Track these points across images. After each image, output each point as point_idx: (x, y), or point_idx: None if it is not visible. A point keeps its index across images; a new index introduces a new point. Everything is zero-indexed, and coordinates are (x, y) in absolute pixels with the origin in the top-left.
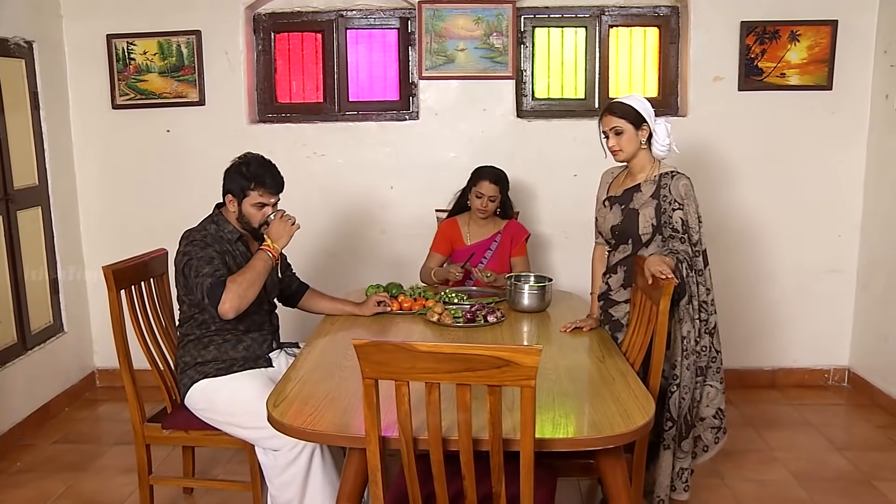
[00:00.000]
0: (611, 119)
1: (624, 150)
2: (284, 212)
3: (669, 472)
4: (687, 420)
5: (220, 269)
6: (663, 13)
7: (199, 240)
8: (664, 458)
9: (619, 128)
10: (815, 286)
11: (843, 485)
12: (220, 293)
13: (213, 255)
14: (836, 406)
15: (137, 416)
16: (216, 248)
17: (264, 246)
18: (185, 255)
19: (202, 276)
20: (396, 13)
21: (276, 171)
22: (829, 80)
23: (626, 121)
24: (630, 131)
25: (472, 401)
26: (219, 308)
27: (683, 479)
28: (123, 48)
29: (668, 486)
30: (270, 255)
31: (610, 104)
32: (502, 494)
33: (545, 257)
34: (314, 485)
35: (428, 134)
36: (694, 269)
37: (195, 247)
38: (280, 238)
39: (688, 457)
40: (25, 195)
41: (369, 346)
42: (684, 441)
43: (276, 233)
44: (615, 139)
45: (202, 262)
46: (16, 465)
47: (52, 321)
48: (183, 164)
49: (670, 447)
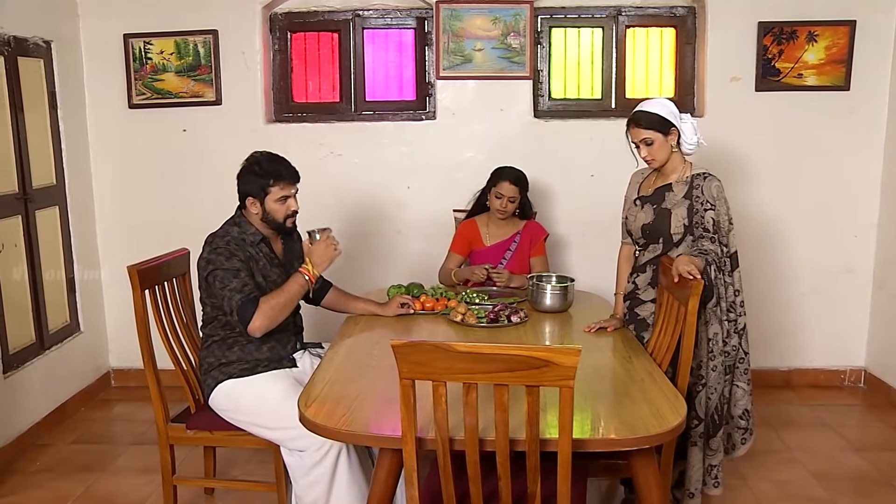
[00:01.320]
0: (638, 132)
1: (657, 158)
2: (331, 233)
3: (700, 468)
4: (715, 419)
5: (247, 283)
6: (680, 13)
7: (222, 247)
8: (693, 455)
9: (648, 139)
10: (831, 286)
11: (862, 485)
12: (250, 312)
13: (238, 266)
14: (852, 406)
15: (161, 416)
16: (240, 257)
17: (303, 269)
18: (210, 264)
19: (230, 290)
20: (413, 13)
21: (288, 162)
22: (847, 80)
23: (653, 130)
24: (660, 139)
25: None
26: (248, 327)
27: (713, 476)
28: (140, 47)
29: (699, 479)
30: (307, 278)
31: (635, 115)
32: (537, 495)
33: (561, 257)
34: (340, 485)
35: (445, 134)
36: (723, 270)
37: (220, 256)
38: (321, 263)
39: (717, 454)
40: (43, 194)
41: (407, 346)
42: (712, 439)
43: (318, 257)
44: (647, 150)
45: (228, 275)
46: (35, 464)
47: (69, 321)
48: (199, 163)
49: (698, 444)
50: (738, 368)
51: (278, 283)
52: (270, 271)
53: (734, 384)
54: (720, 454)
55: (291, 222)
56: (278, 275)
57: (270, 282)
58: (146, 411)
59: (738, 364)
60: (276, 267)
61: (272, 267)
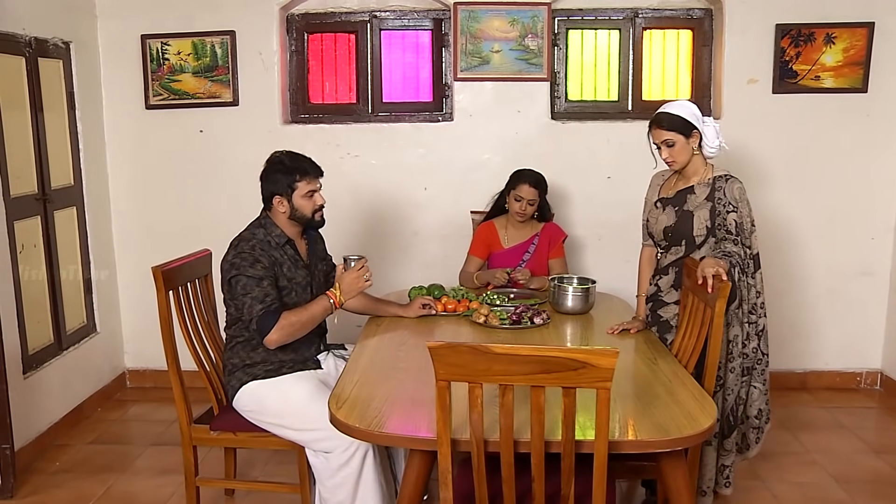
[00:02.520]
0: (660, 133)
1: (678, 160)
2: (366, 262)
3: (714, 467)
4: (730, 420)
5: (269, 293)
6: (697, 16)
7: (247, 252)
8: (707, 454)
9: (670, 140)
10: (848, 289)
11: (883, 488)
12: (269, 324)
13: (261, 273)
14: (869, 409)
15: (185, 417)
16: (264, 263)
17: (330, 293)
18: (234, 268)
19: (252, 297)
20: (430, 14)
21: (309, 158)
22: (865, 82)
23: (675, 132)
24: (681, 141)
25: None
26: (265, 339)
27: (725, 475)
28: (157, 48)
29: (711, 478)
30: (332, 302)
31: (657, 116)
32: (570, 496)
33: (578, 259)
34: (366, 486)
35: (462, 135)
36: (745, 272)
37: (244, 261)
38: (349, 292)
39: (730, 454)
40: (62, 195)
41: (444, 348)
42: (726, 440)
43: (347, 285)
44: (668, 151)
45: (251, 282)
46: (55, 465)
47: (86, 321)
48: (216, 164)
49: (712, 444)
50: (755, 370)
51: (303, 284)
52: (296, 273)
53: (751, 385)
54: (733, 455)
55: (320, 216)
56: (303, 276)
57: (296, 283)
58: (163, 412)
59: (756, 365)
60: (301, 269)
61: (297, 269)
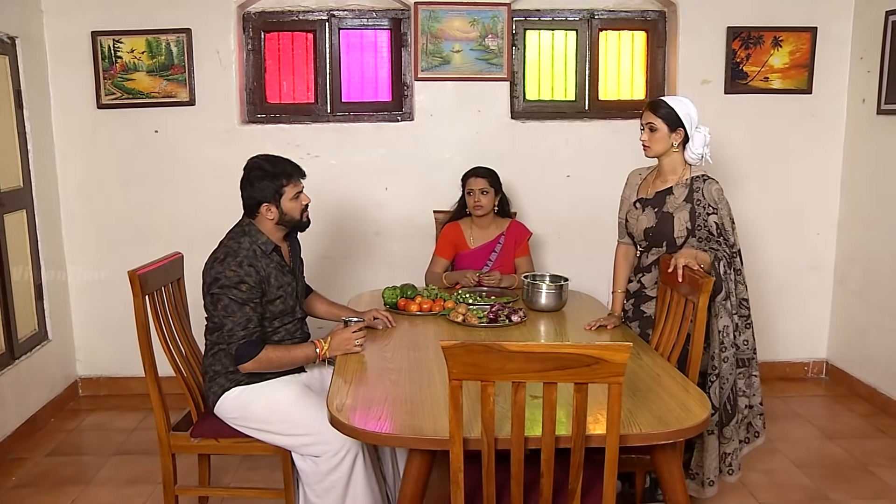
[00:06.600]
0: (649, 115)
1: (652, 148)
2: (364, 331)
3: (716, 455)
4: (727, 408)
5: (252, 318)
6: (651, 17)
7: (233, 270)
8: (710, 444)
9: (654, 125)
10: (797, 283)
11: (842, 471)
12: (249, 356)
13: (245, 297)
14: (817, 397)
15: (163, 424)
16: (250, 282)
17: (318, 342)
18: (216, 285)
19: (233, 322)
20: (388, 14)
21: (288, 159)
22: (809, 84)
23: (662, 120)
24: (663, 131)
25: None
26: (240, 365)
27: (728, 463)
28: (109, 46)
29: (716, 468)
30: (317, 352)
31: (655, 100)
32: (578, 491)
33: (539, 257)
34: (355, 490)
35: (422, 135)
36: (733, 267)
37: (228, 280)
38: (336, 349)
39: (731, 442)
40: (10, 198)
41: (458, 347)
42: (726, 427)
43: (338, 343)
44: (648, 135)
45: (234, 305)
46: (11, 479)
47: (38, 329)
48: (171, 165)
49: (714, 432)
50: (753, 360)
51: (290, 290)
52: (283, 279)
53: (751, 375)
54: (734, 442)
55: (307, 216)
56: (289, 282)
57: (284, 291)
58: (121, 420)
59: (754, 356)
60: (287, 274)
61: (284, 275)
